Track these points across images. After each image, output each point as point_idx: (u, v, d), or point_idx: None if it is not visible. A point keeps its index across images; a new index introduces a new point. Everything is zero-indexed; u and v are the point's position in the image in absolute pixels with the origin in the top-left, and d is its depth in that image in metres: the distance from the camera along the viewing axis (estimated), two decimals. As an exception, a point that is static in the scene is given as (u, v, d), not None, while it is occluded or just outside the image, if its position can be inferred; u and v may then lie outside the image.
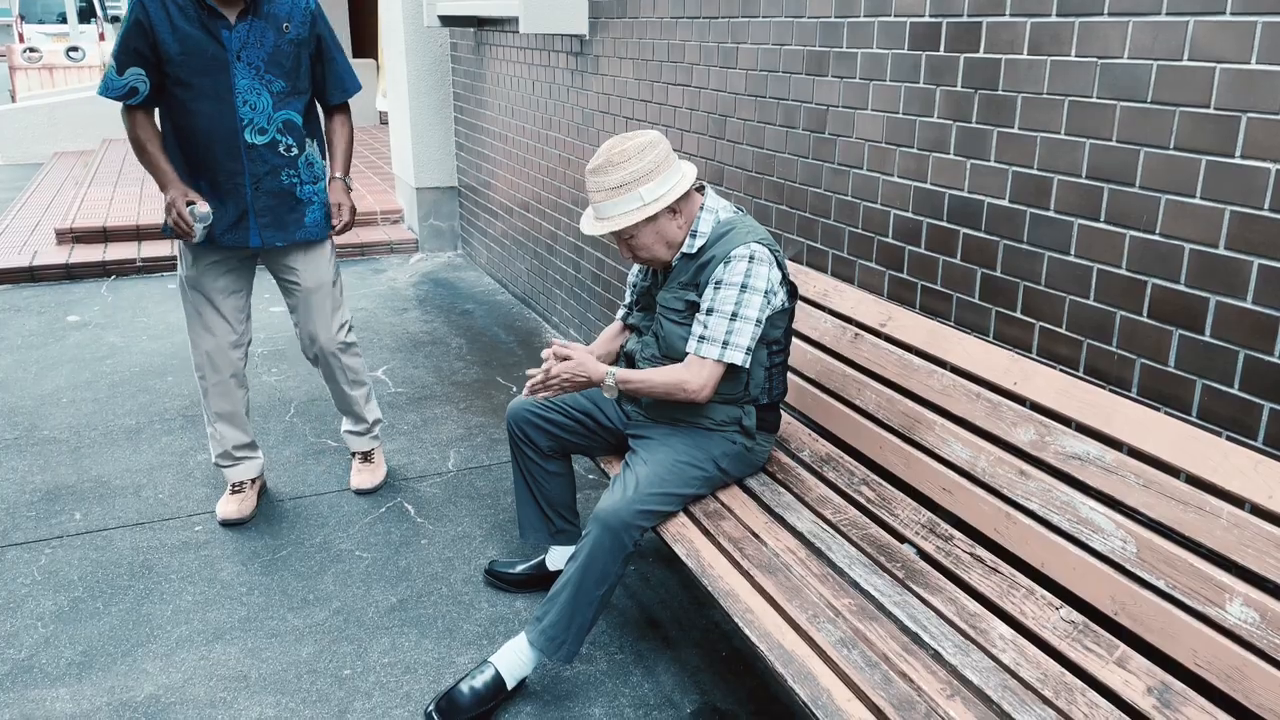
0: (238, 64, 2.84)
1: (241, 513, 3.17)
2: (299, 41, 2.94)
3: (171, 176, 2.85)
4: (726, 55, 3.26)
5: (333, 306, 3.20)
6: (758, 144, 3.14)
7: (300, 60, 2.96)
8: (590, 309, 4.65)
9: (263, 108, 2.90)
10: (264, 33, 2.87)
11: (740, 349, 2.28)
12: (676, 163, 2.34)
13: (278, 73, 2.91)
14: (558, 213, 4.92)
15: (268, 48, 2.88)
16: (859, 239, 2.72)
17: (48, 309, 5.46)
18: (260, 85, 2.88)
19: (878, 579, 2.07)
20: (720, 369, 2.30)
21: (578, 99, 4.49)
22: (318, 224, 3.09)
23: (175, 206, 2.81)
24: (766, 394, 2.45)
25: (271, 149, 2.94)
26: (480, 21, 5.64)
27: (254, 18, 2.85)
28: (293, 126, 2.97)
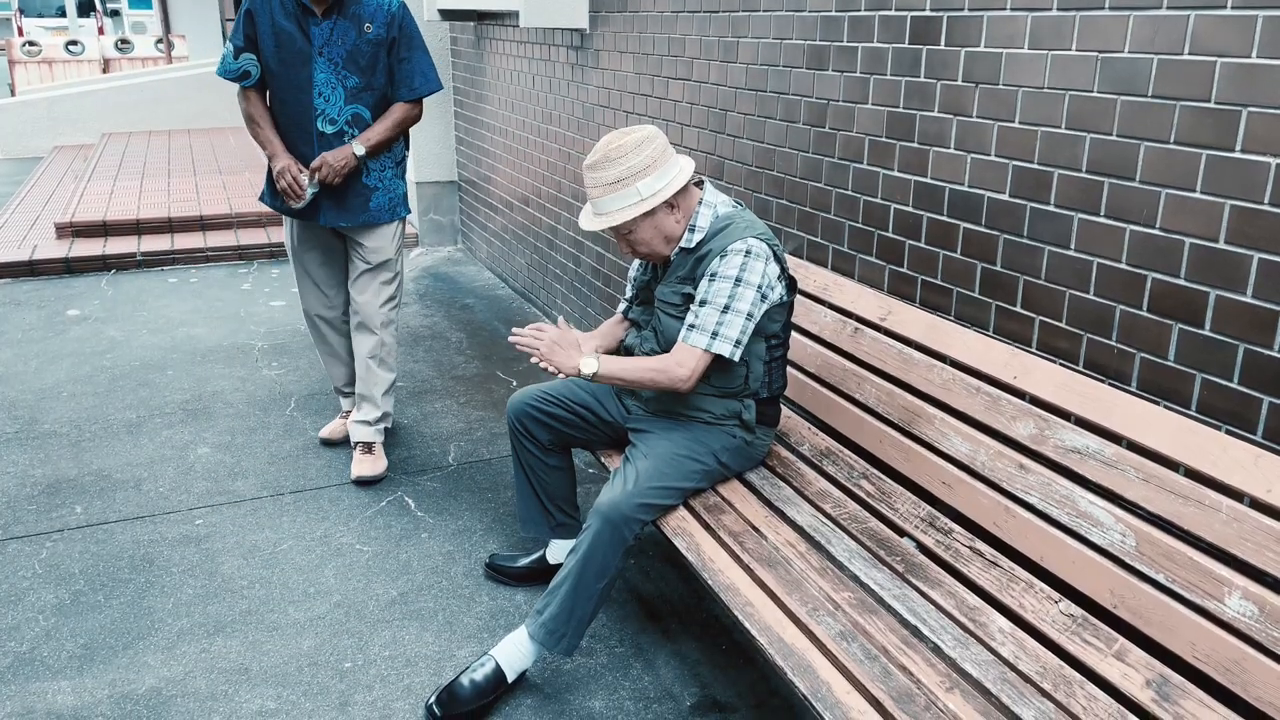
0: (319, 59, 3.12)
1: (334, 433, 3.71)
2: (378, 42, 3.17)
3: (280, 147, 3.18)
4: (727, 49, 3.25)
5: (383, 283, 3.43)
6: (758, 138, 3.14)
7: (378, 59, 3.19)
8: (590, 303, 4.65)
9: (335, 100, 3.16)
10: (346, 31, 3.12)
11: (729, 340, 2.27)
12: (674, 157, 2.33)
13: (353, 69, 3.16)
14: (558, 207, 4.92)
15: (348, 45, 3.13)
16: (859, 233, 2.72)
17: (48, 303, 5.46)
18: (336, 80, 3.14)
19: (877, 572, 2.08)
20: (707, 359, 2.29)
21: (578, 93, 4.49)
22: (381, 209, 3.33)
23: (290, 171, 3.13)
24: (766, 388, 2.45)
25: (338, 138, 3.20)
26: (480, 15, 5.64)
27: (339, 16, 3.11)
28: (360, 120, 3.22)
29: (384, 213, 3.34)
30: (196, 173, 8.35)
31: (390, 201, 3.36)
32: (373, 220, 3.32)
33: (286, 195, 3.15)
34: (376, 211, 3.32)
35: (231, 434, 3.79)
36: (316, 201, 3.24)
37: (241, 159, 9.10)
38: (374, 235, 3.36)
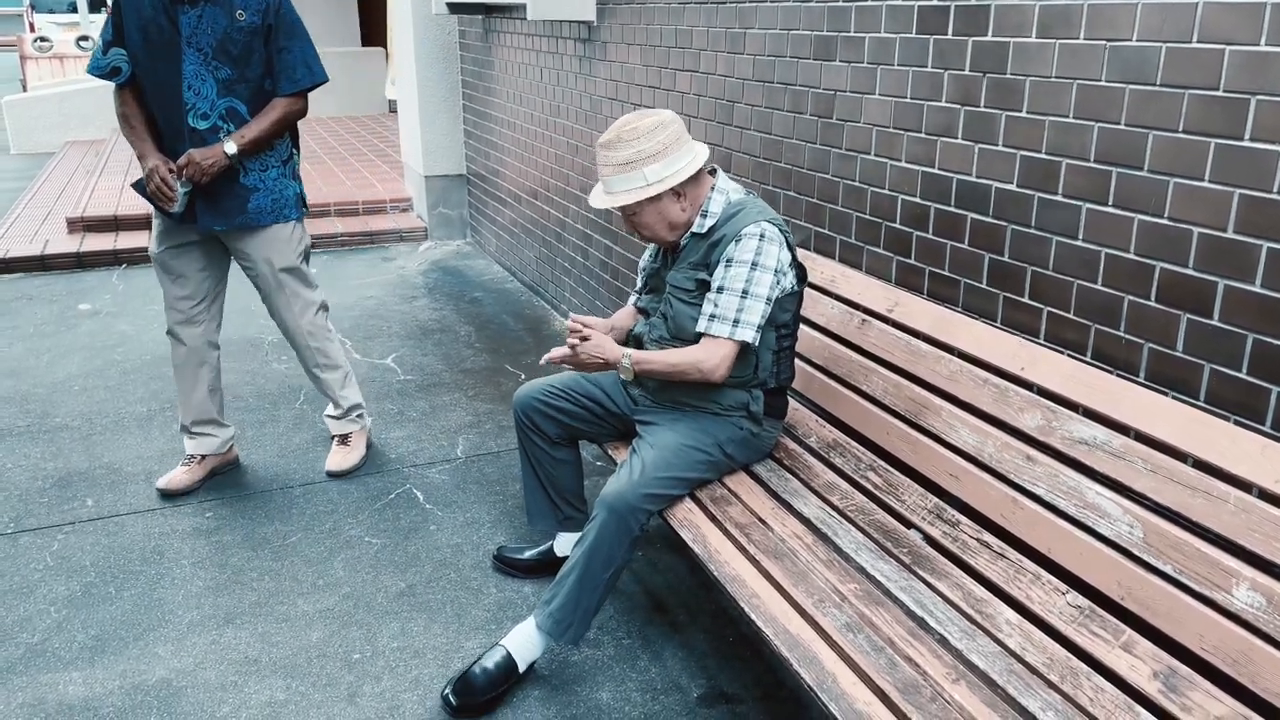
0: (188, 49, 2.87)
1: (172, 484, 3.27)
2: (252, 30, 2.92)
3: (149, 147, 2.95)
4: (734, 40, 3.24)
5: (292, 291, 3.25)
6: (765, 129, 3.13)
7: (252, 49, 2.94)
8: (599, 296, 4.65)
9: (206, 94, 2.92)
10: (216, 18, 2.87)
11: (751, 326, 2.27)
12: (688, 145, 2.32)
13: (225, 60, 2.91)
14: (566, 200, 4.92)
15: (218, 34, 2.88)
16: (866, 224, 2.71)
17: (59, 298, 5.50)
18: (206, 71, 2.90)
19: (884, 564, 2.07)
20: (734, 348, 2.30)
21: (585, 86, 4.48)
22: (262, 211, 3.08)
23: (158, 172, 2.88)
24: (774, 378, 2.44)
25: (213, 134, 2.95)
26: (488, 8, 5.63)
27: (208, 3, 2.86)
28: (235, 114, 2.97)
29: (264, 215, 3.08)
30: (207, 167, 8.37)
31: (274, 204, 3.10)
32: (251, 223, 3.07)
33: (157, 198, 2.90)
34: (255, 214, 3.06)
35: (241, 427, 3.81)
36: (193, 203, 2.98)
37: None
38: (258, 242, 3.11)
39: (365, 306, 5.35)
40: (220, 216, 3.04)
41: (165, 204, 2.91)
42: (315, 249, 6.59)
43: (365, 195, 7.21)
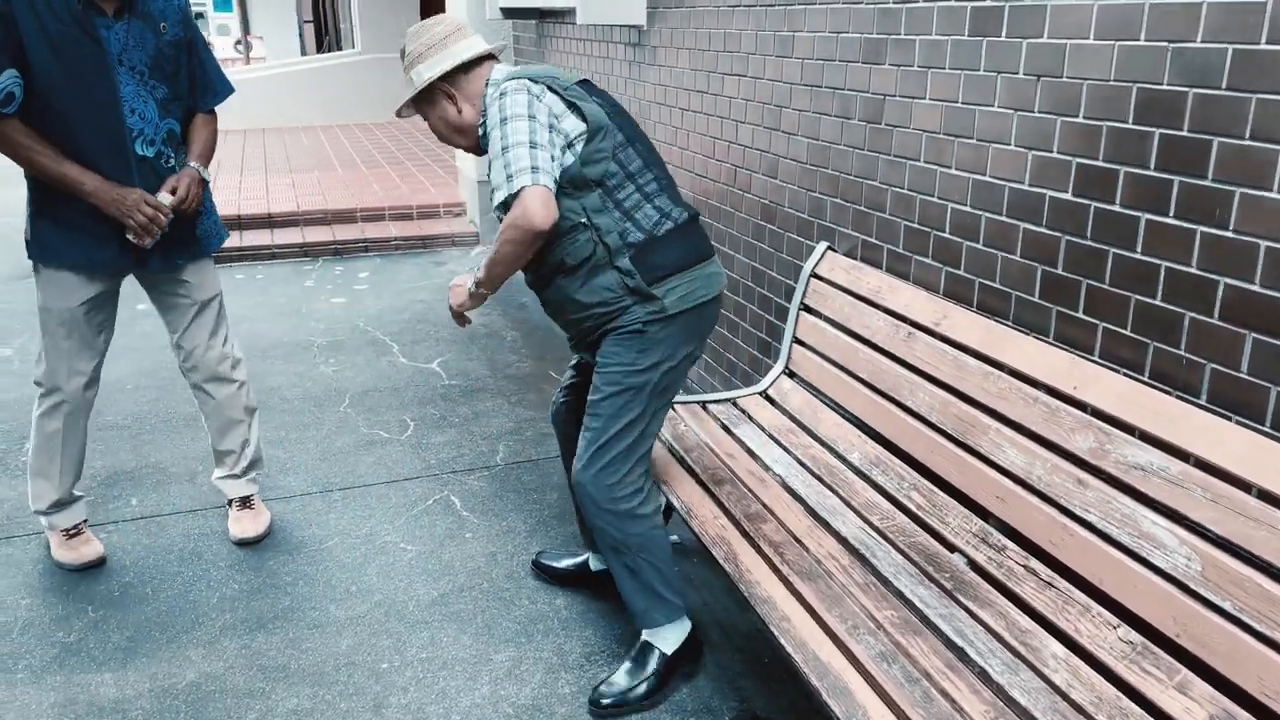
0: (120, 68, 2.55)
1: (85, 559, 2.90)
2: (177, 43, 2.68)
3: (99, 179, 2.53)
4: (783, 44, 3.17)
5: (219, 318, 2.97)
6: (813, 135, 3.05)
7: (180, 64, 2.71)
8: (645, 303, 4.59)
9: (150, 116, 2.63)
10: (143, 34, 2.59)
11: (525, 172, 2.02)
12: (462, 44, 2.21)
13: (160, 78, 2.65)
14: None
15: (149, 51, 2.60)
16: (915, 234, 2.61)
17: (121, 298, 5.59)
18: (145, 92, 2.61)
19: (924, 589, 1.98)
20: (527, 196, 2.01)
21: (635, 90, 4.44)
22: (209, 236, 2.87)
23: (147, 202, 2.55)
24: (636, 230, 2.14)
25: (159, 161, 2.67)
26: (541, 13, 5.63)
27: (131, 16, 2.56)
28: (173, 137, 2.72)
29: (212, 240, 2.88)
30: (267, 171, 8.52)
31: (215, 227, 2.90)
32: (202, 252, 2.85)
33: (141, 234, 2.57)
34: (205, 240, 2.85)
35: (285, 430, 3.83)
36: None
37: (311, 158, 9.27)
38: (197, 269, 2.86)
39: (414, 310, 5.37)
40: (181, 249, 2.77)
41: (146, 239, 2.59)
42: (370, 252, 6.65)
43: (419, 200, 7.26)
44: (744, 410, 2.89)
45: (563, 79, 2.17)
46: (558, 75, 2.19)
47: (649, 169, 2.20)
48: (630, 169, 2.17)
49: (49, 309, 2.68)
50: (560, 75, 2.19)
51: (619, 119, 2.20)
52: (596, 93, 2.22)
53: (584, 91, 2.17)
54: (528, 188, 2.01)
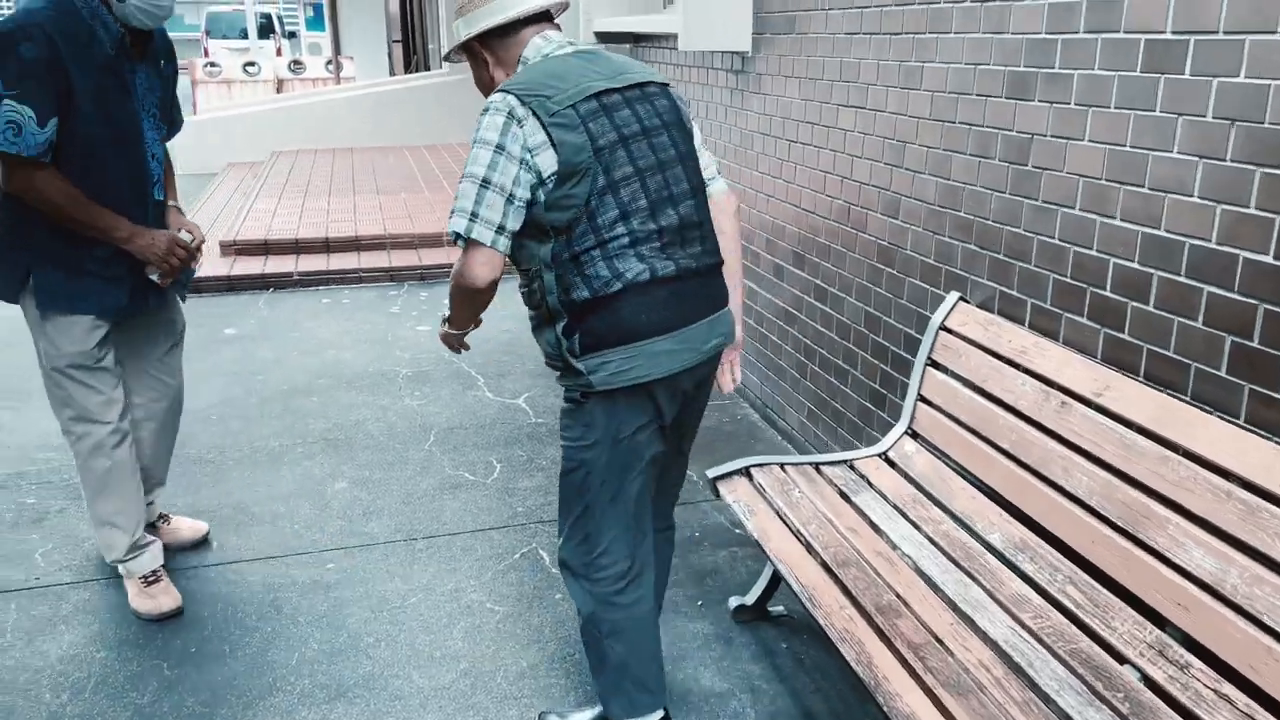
0: (143, 114, 2.54)
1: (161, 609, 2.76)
2: (171, 79, 2.70)
3: (129, 224, 2.53)
4: (909, 75, 2.92)
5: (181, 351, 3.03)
6: (942, 174, 2.79)
7: (170, 99, 2.72)
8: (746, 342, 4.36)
9: (159, 158, 2.64)
10: (151, 75, 2.59)
11: (464, 215, 1.82)
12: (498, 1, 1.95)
13: (164, 120, 2.67)
14: (710, 238, 4.66)
15: (157, 92, 2.61)
16: (1067, 289, 2.34)
17: (207, 321, 5.59)
18: (156, 135, 2.62)
19: (1094, 713, 1.71)
20: (468, 252, 1.85)
21: (736, 119, 4.23)
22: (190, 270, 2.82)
23: (176, 242, 2.60)
24: (583, 288, 1.87)
25: (163, 202, 2.69)
26: (637, 38, 5.47)
27: (141, 60, 2.54)
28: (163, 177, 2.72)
29: (191, 273, 2.85)
30: (355, 192, 8.54)
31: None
32: (188, 284, 2.89)
33: (170, 275, 2.62)
34: (189, 274, 2.84)
35: (369, 468, 3.70)
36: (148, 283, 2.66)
37: (397, 179, 9.27)
38: (174, 302, 2.89)
39: (500, 340, 5.22)
40: (177, 285, 2.80)
41: (170, 279, 2.64)
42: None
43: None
44: (862, 474, 2.64)
45: (571, 89, 1.84)
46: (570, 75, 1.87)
47: (628, 219, 1.88)
48: (600, 219, 1.86)
49: (62, 355, 2.59)
50: (582, 73, 1.88)
51: (623, 149, 1.87)
52: (609, 111, 1.87)
53: (577, 116, 1.83)
54: (472, 242, 1.84)
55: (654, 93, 1.98)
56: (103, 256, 2.54)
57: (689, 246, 1.96)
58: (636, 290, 1.87)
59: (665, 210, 1.92)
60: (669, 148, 1.95)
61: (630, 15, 5.39)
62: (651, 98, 1.96)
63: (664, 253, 1.91)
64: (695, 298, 1.96)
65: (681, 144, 1.99)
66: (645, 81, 1.97)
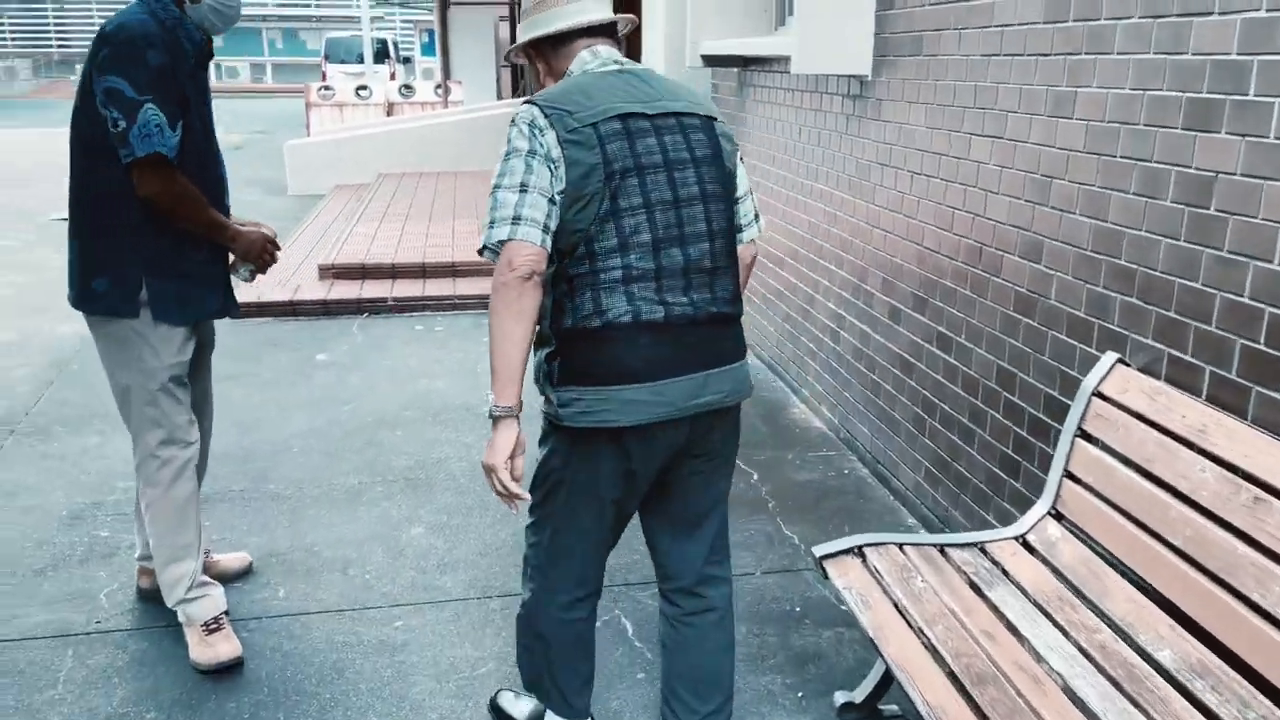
0: (211, 118, 2.59)
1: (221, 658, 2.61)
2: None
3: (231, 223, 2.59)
4: (1059, 102, 2.57)
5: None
6: (1098, 216, 2.43)
7: None
8: (849, 388, 4.02)
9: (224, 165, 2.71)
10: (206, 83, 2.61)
11: (506, 222, 1.75)
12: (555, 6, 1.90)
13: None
14: (816, 274, 4.35)
15: (210, 100, 2.63)
16: (1259, 358, 1.95)
17: (301, 345, 5.53)
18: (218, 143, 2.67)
19: None
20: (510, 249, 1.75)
21: (852, 148, 3.91)
22: None
23: (269, 240, 2.66)
24: (571, 316, 1.82)
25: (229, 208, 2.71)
26: (745, 61, 5.20)
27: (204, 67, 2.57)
28: None
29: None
30: (455, 217, 8.49)
31: None
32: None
33: (261, 271, 2.70)
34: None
35: (448, 513, 3.49)
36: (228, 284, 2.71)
37: (498, 202, 9.19)
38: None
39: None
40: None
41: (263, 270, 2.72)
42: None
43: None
44: (997, 561, 2.28)
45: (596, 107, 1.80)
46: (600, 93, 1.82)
47: (626, 251, 1.80)
48: (598, 246, 1.79)
49: (165, 368, 2.54)
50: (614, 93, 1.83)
51: (636, 178, 1.80)
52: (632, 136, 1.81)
53: (595, 136, 1.78)
54: (511, 242, 1.75)
55: (692, 124, 1.89)
56: (202, 260, 2.57)
57: (692, 292, 1.86)
58: (618, 331, 1.80)
59: (670, 249, 1.83)
60: (692, 184, 1.86)
61: (739, 38, 5.13)
62: (687, 129, 1.88)
63: (657, 295, 1.83)
64: (686, 349, 1.85)
65: (710, 183, 1.89)
66: (685, 112, 1.89)
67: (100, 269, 2.48)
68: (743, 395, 1.96)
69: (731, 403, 1.93)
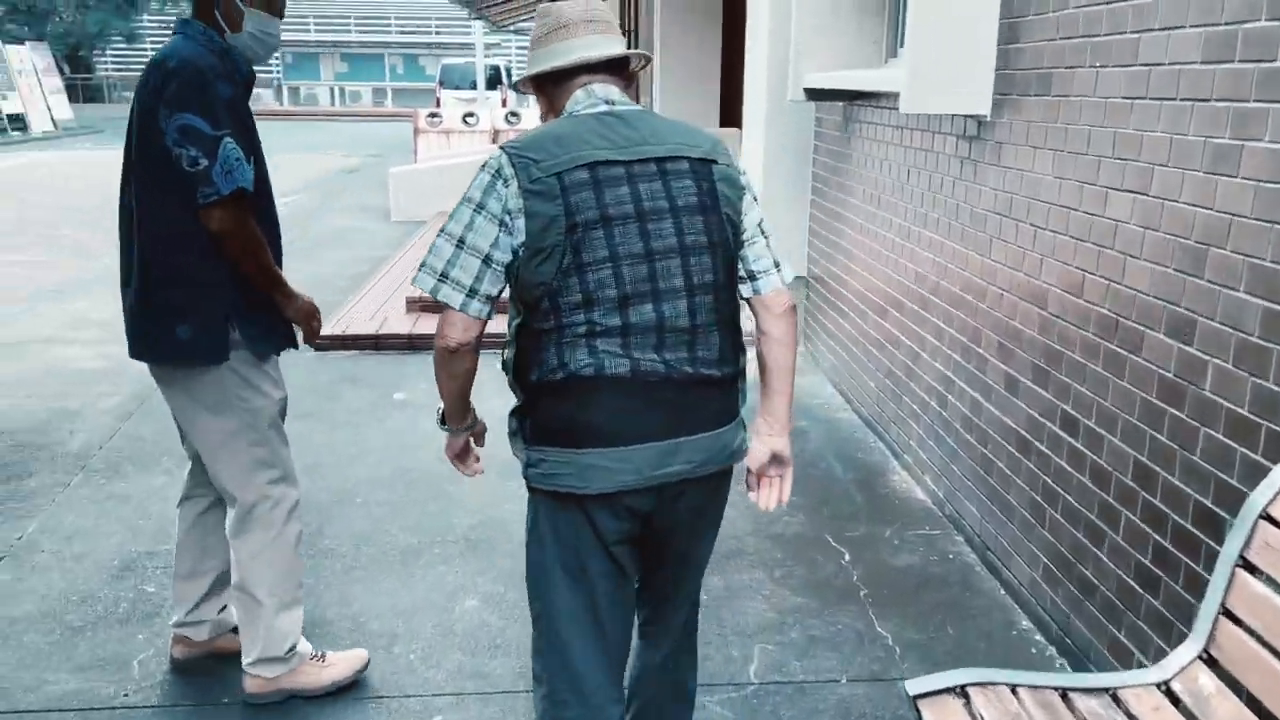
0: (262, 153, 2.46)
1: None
2: None
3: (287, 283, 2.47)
4: (1219, 156, 2.16)
5: None
6: (1269, 297, 2.01)
7: None
8: (957, 460, 3.61)
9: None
10: None
11: (431, 273, 1.75)
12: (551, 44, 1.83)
13: None
14: (923, 329, 3.95)
15: None
16: None
17: (380, 383, 5.39)
18: None
19: None
20: (444, 314, 1.79)
21: (966, 195, 3.52)
22: None
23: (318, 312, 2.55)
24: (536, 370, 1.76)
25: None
26: (852, 96, 4.85)
27: None
28: None
29: None
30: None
31: None
32: None
33: (307, 341, 2.60)
34: None
35: (505, 582, 3.24)
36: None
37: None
38: None
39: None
40: None
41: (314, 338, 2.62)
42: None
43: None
44: (1133, 716, 1.87)
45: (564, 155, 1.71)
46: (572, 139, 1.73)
47: (591, 307, 1.72)
48: (562, 300, 1.72)
49: (274, 403, 2.48)
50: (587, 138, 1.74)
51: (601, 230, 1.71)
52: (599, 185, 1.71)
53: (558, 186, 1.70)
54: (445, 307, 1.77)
55: (677, 170, 1.77)
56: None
57: (666, 351, 1.75)
58: (580, 384, 1.73)
59: (640, 305, 1.73)
60: (669, 235, 1.74)
61: (845, 70, 4.78)
62: (669, 176, 1.76)
63: (624, 351, 1.73)
64: (657, 408, 1.75)
65: (693, 233, 1.76)
66: (671, 156, 1.77)
67: (180, 316, 2.32)
68: (719, 465, 1.83)
69: (704, 473, 1.80)
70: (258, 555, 2.49)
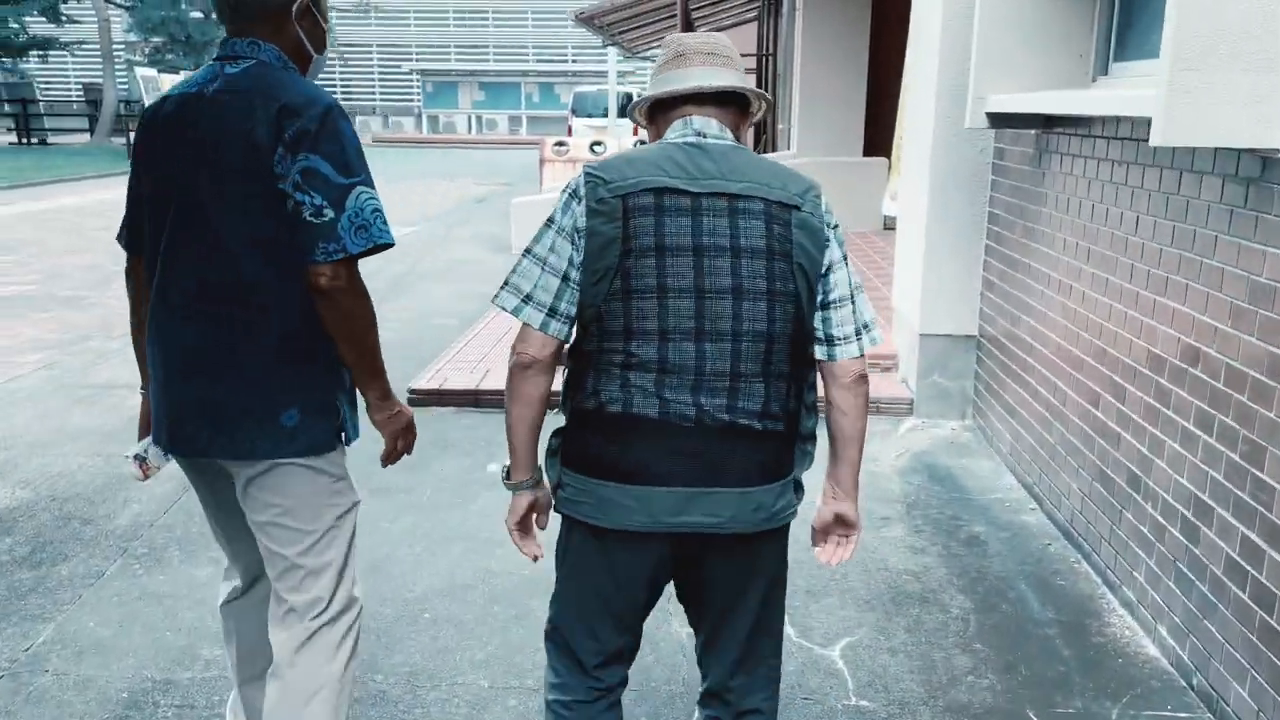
0: None
1: None
2: None
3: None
4: None
5: None
6: None
7: None
8: (1210, 612, 2.62)
9: None
10: None
11: (514, 292, 1.74)
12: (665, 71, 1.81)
13: None
14: (1158, 426, 2.97)
15: None
16: None
17: (475, 449, 4.71)
18: None
19: None
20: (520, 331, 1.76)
21: (1237, 258, 2.56)
22: None
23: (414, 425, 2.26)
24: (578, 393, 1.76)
25: None
26: (1048, 120, 3.91)
27: None
28: None
29: None
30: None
31: None
32: None
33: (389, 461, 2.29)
34: None
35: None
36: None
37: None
38: None
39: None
40: None
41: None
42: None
43: (841, 346, 5.77)
44: None
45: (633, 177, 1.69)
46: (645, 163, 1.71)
47: (630, 338, 1.71)
48: (606, 326, 1.73)
49: (354, 496, 2.13)
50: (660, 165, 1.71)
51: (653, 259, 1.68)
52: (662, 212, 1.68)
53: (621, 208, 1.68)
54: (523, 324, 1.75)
55: (751, 209, 1.71)
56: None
57: (704, 394, 1.71)
58: (608, 420, 1.74)
59: (681, 343, 1.71)
60: (724, 275, 1.70)
61: (1040, 91, 3.86)
62: (739, 214, 1.71)
63: (656, 389, 1.71)
64: (682, 457, 1.72)
65: (753, 277, 1.70)
66: (746, 194, 1.72)
67: (288, 399, 1.93)
68: (749, 527, 1.76)
69: (729, 532, 1.75)
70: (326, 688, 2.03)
